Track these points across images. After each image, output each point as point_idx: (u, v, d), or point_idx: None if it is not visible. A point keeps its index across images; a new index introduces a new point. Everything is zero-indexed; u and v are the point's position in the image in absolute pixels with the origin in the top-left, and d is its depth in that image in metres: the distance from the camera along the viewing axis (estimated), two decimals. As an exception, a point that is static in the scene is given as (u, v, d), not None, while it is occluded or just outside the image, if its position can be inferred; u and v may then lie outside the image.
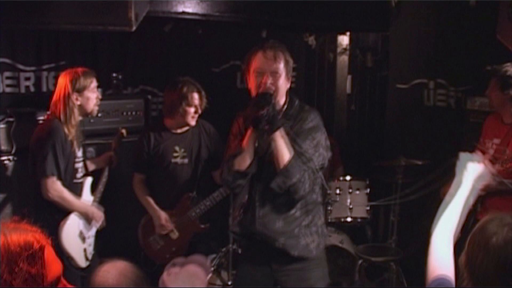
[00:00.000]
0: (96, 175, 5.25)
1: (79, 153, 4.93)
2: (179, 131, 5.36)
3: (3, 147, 5.33)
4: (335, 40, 7.67)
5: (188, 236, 5.43)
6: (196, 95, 5.21)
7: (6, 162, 5.36)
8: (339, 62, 7.63)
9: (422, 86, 6.91)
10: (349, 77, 7.71)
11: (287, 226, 3.91)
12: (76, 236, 4.87)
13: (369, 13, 6.76)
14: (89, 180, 5.13)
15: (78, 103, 4.77)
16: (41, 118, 5.32)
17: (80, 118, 4.86)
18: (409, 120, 7.04)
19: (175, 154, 5.32)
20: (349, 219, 6.09)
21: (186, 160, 5.34)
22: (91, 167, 5.31)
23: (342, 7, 6.38)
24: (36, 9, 3.86)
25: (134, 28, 3.80)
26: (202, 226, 5.45)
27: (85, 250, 4.94)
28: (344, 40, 7.67)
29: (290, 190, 3.75)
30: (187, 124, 5.31)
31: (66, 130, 4.71)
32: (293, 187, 3.72)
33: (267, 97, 3.68)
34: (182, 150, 5.33)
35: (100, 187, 5.17)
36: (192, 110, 5.21)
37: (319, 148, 3.84)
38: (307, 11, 6.12)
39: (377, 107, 7.76)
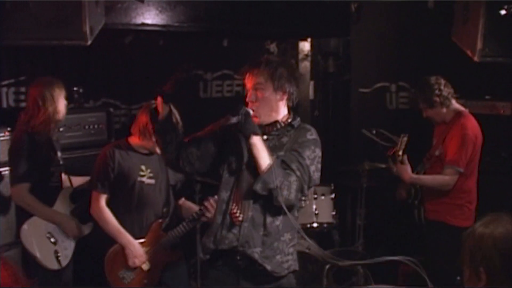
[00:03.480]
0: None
1: (56, 158, 5.07)
2: (145, 151, 4.94)
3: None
4: (297, 46, 7.70)
5: (160, 266, 4.98)
6: None
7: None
8: (301, 68, 7.64)
9: (385, 89, 7.00)
10: (312, 83, 7.74)
11: (268, 236, 3.81)
12: (43, 236, 4.90)
13: (330, 18, 6.81)
14: (67, 190, 5.16)
15: (55, 110, 4.92)
16: (1, 134, 5.30)
17: (53, 125, 5.00)
18: (373, 123, 7.08)
19: (142, 173, 4.91)
20: (315, 225, 6.11)
21: (153, 181, 4.95)
22: (79, 181, 5.34)
23: (302, 14, 6.41)
24: (-10, 25, 3.83)
25: (89, 42, 3.78)
26: (175, 254, 5.07)
27: (56, 251, 4.93)
28: (305, 46, 7.70)
29: (272, 194, 3.67)
30: (154, 151, 4.90)
31: (37, 138, 4.88)
32: (275, 191, 3.66)
33: (237, 108, 3.71)
34: (149, 170, 4.93)
35: (82, 203, 5.14)
36: None
37: (317, 164, 3.83)
38: (268, 18, 6.15)
39: (340, 112, 7.80)
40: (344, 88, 7.63)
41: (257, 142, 3.71)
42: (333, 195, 6.22)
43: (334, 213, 6.20)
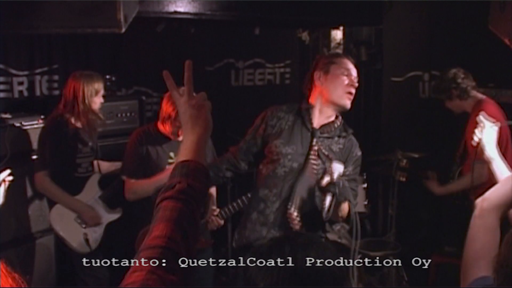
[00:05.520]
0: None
1: (85, 150, 5.18)
2: (173, 137, 4.82)
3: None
4: (329, 35, 7.64)
5: None
6: None
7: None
8: (333, 57, 7.58)
9: (417, 78, 6.91)
10: (344, 71, 7.67)
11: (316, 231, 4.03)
12: (71, 219, 5.02)
13: (362, 7, 6.74)
14: (95, 177, 5.27)
15: (93, 105, 5.06)
16: (34, 122, 5.34)
17: (84, 119, 5.10)
18: (405, 113, 7.03)
19: (170, 161, 4.81)
20: (347, 214, 6.06)
21: None
22: (107, 167, 5.47)
23: (335, 2, 6.36)
24: (25, 13, 3.84)
25: (123, 29, 3.78)
26: (205, 242, 4.97)
27: (85, 234, 5.02)
28: (337, 34, 7.65)
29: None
30: (175, 139, 4.80)
31: (70, 128, 5.02)
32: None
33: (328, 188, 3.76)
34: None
35: (110, 188, 5.23)
36: None
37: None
38: (300, 7, 6.10)
39: (372, 101, 7.74)
40: (376, 77, 7.57)
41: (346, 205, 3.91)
42: (365, 185, 6.16)
43: (366, 202, 6.14)
